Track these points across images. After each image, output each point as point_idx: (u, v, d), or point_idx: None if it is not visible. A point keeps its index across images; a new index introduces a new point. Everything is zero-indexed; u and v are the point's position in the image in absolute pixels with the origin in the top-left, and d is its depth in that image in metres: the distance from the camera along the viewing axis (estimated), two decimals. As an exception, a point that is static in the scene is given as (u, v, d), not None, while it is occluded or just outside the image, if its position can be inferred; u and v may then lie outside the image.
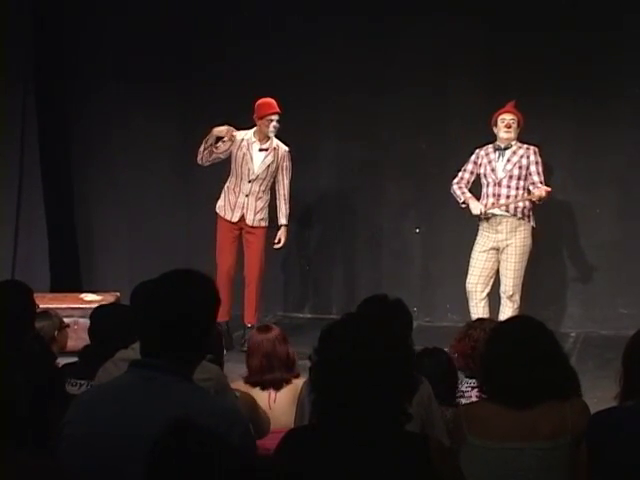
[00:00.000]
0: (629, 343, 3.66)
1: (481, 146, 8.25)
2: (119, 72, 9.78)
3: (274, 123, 8.31)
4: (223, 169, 8.59)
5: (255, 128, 8.44)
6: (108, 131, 9.98)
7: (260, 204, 8.48)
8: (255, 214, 8.46)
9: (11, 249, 9.51)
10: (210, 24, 9.57)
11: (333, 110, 9.50)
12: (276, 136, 8.44)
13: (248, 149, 8.40)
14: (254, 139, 8.42)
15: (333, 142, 9.65)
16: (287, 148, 8.48)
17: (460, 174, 8.30)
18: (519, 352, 3.68)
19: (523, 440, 3.63)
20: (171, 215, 9.78)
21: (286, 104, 9.11)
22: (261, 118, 8.34)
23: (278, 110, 8.31)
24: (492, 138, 8.21)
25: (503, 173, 8.11)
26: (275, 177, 8.50)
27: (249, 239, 8.53)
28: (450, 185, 8.33)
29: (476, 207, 8.13)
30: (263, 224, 8.53)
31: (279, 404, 5.21)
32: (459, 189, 8.27)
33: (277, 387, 5.28)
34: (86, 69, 9.89)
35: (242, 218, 8.47)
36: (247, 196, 8.45)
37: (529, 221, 8.15)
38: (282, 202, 8.57)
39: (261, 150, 8.40)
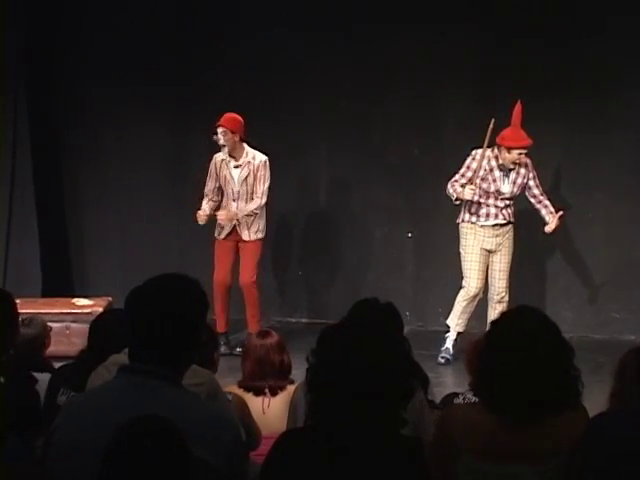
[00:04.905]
0: (622, 358, 3.61)
1: (478, 147, 8.17)
2: (111, 75, 9.75)
3: (217, 136, 8.25)
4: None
5: None
6: (100, 135, 9.95)
7: (250, 219, 8.44)
8: (249, 229, 8.46)
9: (2, 253, 9.47)
10: (206, 28, 9.56)
11: (325, 115, 9.49)
12: (253, 147, 8.38)
13: (227, 169, 8.40)
14: (229, 158, 8.40)
15: (325, 147, 9.64)
16: (265, 157, 8.39)
17: (456, 177, 8.18)
18: (519, 361, 3.44)
19: (523, 461, 3.40)
20: (163, 219, 9.76)
21: (280, 109, 9.13)
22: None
23: (220, 123, 8.17)
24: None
25: (508, 189, 8.17)
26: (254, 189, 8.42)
27: (243, 250, 8.49)
28: (443, 190, 8.30)
29: (469, 193, 8.08)
30: (260, 236, 8.52)
31: (272, 410, 5.20)
32: (452, 187, 8.21)
33: (271, 393, 5.29)
34: (78, 72, 9.87)
35: (237, 233, 8.44)
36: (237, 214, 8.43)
37: (514, 221, 8.28)
38: (254, 200, 8.42)
39: (236, 167, 8.38)
